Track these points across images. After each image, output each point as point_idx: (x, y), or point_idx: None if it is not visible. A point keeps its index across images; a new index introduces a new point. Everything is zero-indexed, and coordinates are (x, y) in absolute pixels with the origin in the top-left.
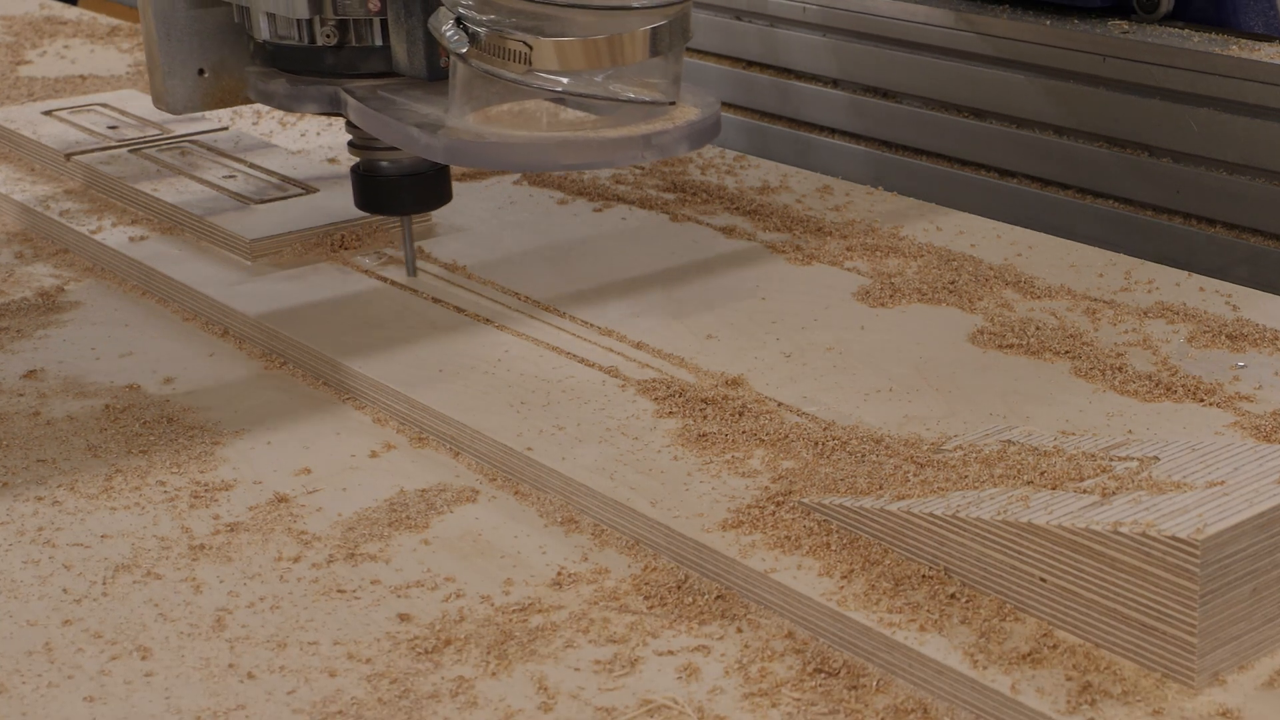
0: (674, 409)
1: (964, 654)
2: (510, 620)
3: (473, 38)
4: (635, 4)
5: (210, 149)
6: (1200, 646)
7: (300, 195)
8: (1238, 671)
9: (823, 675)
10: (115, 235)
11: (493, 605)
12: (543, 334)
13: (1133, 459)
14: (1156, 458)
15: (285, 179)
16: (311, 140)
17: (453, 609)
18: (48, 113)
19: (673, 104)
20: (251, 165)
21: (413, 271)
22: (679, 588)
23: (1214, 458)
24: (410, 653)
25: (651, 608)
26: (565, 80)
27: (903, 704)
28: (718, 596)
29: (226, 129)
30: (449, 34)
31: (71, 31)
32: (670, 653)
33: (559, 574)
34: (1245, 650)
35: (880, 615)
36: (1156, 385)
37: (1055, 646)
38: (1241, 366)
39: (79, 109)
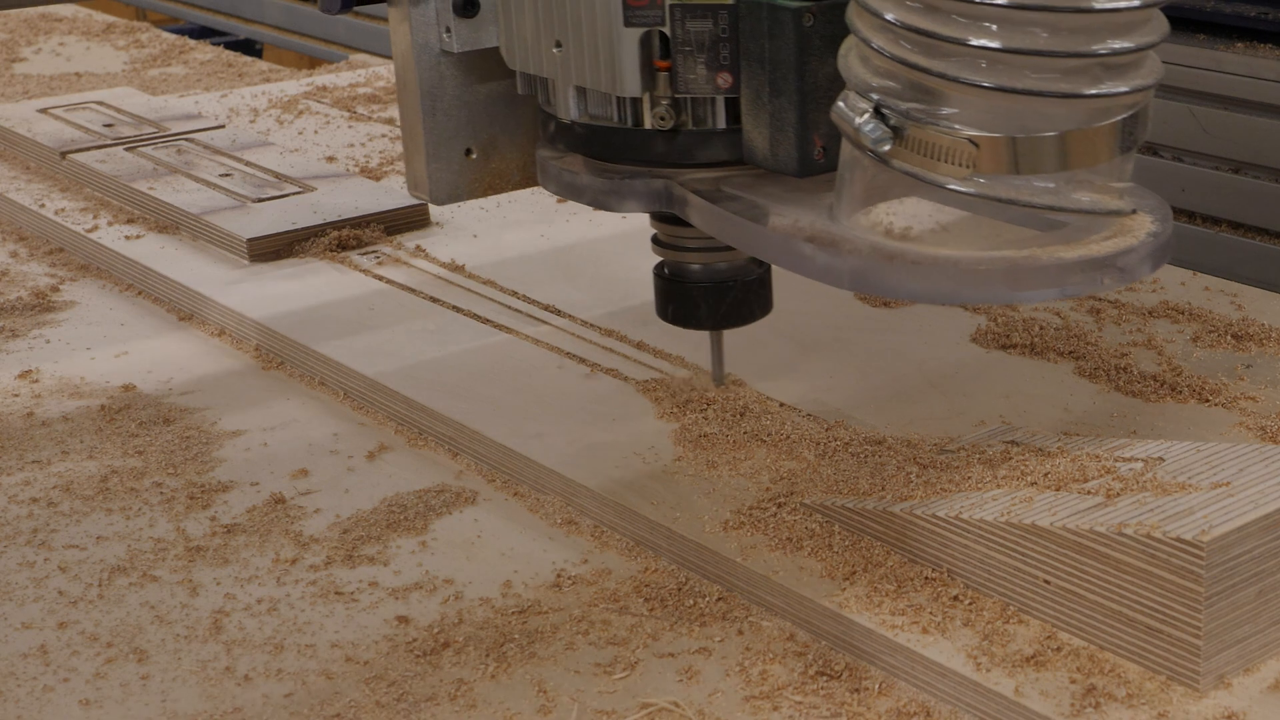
0: (674, 409)
1: (967, 656)
2: (509, 622)
3: (897, 132)
4: (1114, 88)
5: (207, 147)
6: (1205, 649)
7: (298, 194)
8: (1243, 674)
9: (825, 678)
10: (111, 234)
11: (492, 607)
12: (543, 334)
13: (1137, 460)
14: (1161, 459)
15: (282, 177)
16: (309, 139)
17: (451, 611)
18: (43, 110)
19: (1134, 212)
20: (248, 163)
21: (720, 383)
22: (680, 590)
23: (1219, 459)
24: (409, 655)
25: (652, 610)
26: (1018, 186)
27: (905, 707)
28: (719, 598)
29: (223, 127)
30: (867, 128)
31: (67, 29)
32: (671, 655)
33: (559, 576)
34: (1251, 653)
35: (883, 617)
36: (1161, 385)
37: (1059, 649)
38: (1247, 367)
39: (74, 107)
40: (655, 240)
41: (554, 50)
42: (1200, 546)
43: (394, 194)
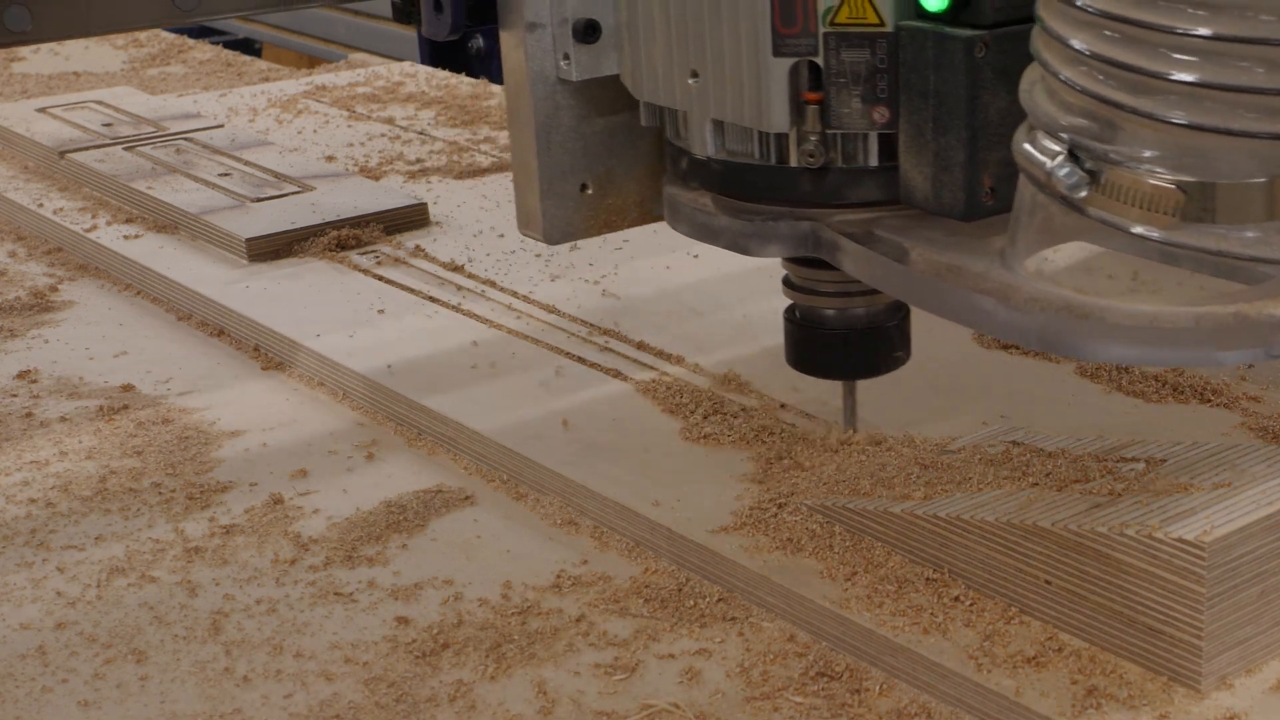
0: (675, 409)
1: (968, 657)
2: (509, 623)
3: (1093, 176)
4: None
5: (206, 147)
6: (1207, 650)
7: (297, 193)
8: (1245, 675)
9: (825, 679)
10: (109, 234)
11: (491, 608)
12: (542, 334)
13: (1139, 460)
14: (1163, 459)
15: (281, 177)
16: (309, 138)
17: (451, 612)
18: (42, 110)
19: None
20: (247, 163)
21: (852, 428)
22: (680, 590)
23: (1221, 459)
24: (408, 656)
25: (652, 611)
26: (1223, 236)
27: (905, 708)
28: (719, 599)
29: (222, 126)
30: (1061, 172)
31: None
32: (671, 656)
33: (559, 577)
34: (1253, 654)
35: (883, 618)
36: (1163, 386)
37: (1060, 650)
38: (1249, 367)
39: (73, 106)
40: (786, 283)
41: (689, 81)
42: (1202, 547)
43: (393, 194)
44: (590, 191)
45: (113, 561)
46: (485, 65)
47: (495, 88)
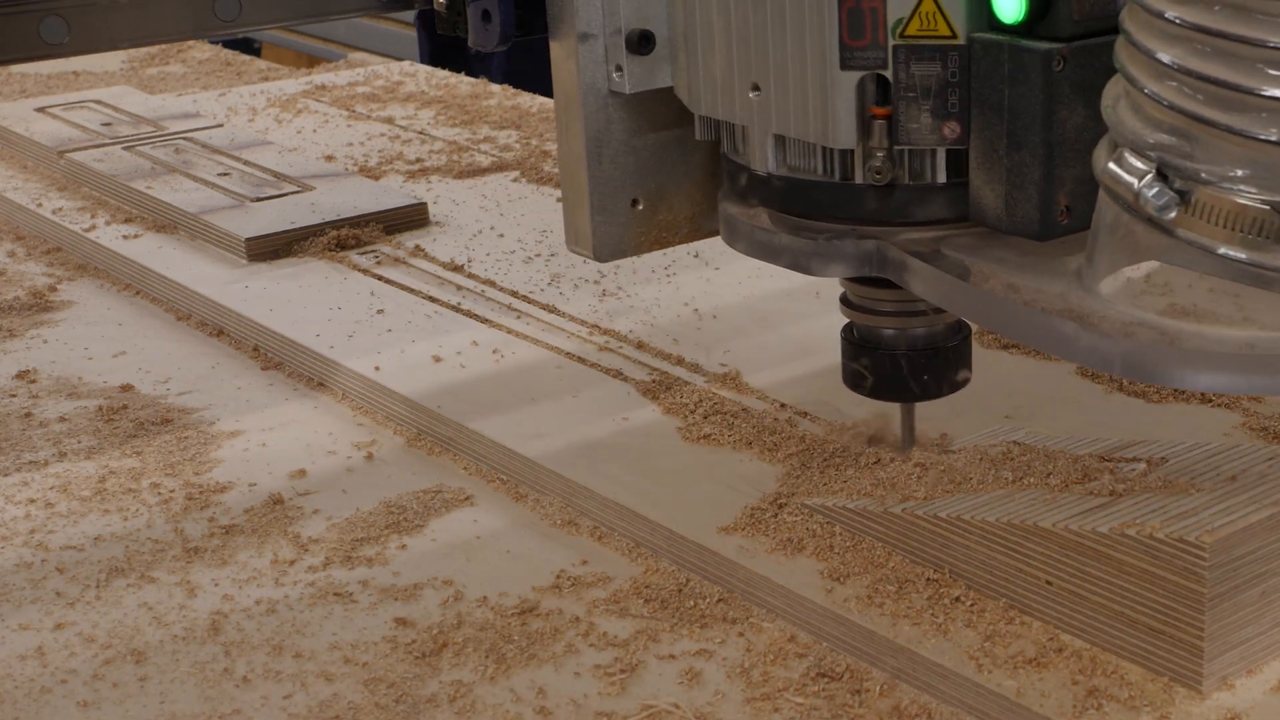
0: (674, 409)
1: (968, 657)
2: (509, 624)
3: (1182, 196)
4: None
5: (205, 146)
6: (1208, 650)
7: (296, 193)
8: (1246, 675)
9: (826, 679)
10: (108, 233)
11: (491, 609)
12: (542, 334)
13: (1140, 460)
14: (1164, 459)
15: (281, 176)
16: (308, 138)
17: (451, 612)
18: (41, 109)
19: None
20: (247, 163)
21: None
22: (680, 591)
23: (1222, 459)
24: (408, 657)
25: (652, 611)
26: None
27: (906, 708)
28: (719, 600)
29: (221, 126)
30: (1150, 193)
31: None
32: (671, 657)
33: (558, 577)
34: (1254, 654)
35: (884, 619)
36: (1164, 385)
37: (1061, 650)
38: None
39: (72, 106)
40: (844, 301)
41: (751, 94)
42: (1203, 547)
43: (393, 193)
44: (641, 207)
45: (112, 561)
46: (484, 64)
47: (495, 87)
